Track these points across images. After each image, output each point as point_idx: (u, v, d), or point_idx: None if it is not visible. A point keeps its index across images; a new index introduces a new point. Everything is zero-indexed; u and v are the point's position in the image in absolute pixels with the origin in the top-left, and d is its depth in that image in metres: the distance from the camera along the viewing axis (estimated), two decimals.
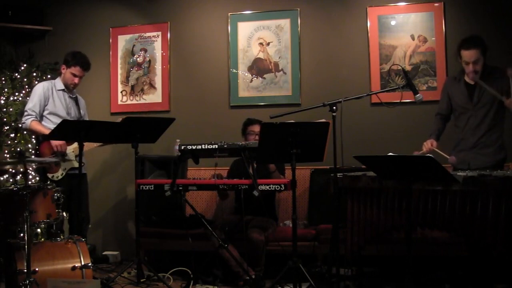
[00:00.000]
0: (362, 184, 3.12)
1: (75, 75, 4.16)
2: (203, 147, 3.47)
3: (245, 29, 4.88)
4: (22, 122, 4.16)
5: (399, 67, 4.27)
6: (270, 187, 3.31)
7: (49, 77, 4.83)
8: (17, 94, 4.80)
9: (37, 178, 4.49)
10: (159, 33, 5.06)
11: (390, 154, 2.80)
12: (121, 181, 5.01)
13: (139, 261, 3.78)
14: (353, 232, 3.19)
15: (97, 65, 4.36)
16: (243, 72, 4.87)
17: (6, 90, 4.76)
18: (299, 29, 4.77)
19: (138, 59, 5.09)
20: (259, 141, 3.26)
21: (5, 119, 4.71)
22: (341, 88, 4.57)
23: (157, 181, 3.70)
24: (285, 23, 4.81)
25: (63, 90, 4.21)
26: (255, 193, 3.29)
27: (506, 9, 4.38)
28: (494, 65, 3.52)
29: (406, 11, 4.58)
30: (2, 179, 4.54)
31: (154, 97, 5.04)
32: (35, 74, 4.89)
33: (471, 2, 4.49)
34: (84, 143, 3.73)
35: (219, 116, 4.89)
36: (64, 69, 4.19)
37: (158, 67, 5.05)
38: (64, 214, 3.40)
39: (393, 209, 3.00)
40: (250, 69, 4.86)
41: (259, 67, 4.84)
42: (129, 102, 5.07)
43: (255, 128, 3.95)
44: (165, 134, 3.96)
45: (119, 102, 5.10)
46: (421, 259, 3.83)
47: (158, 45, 5.06)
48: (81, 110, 4.32)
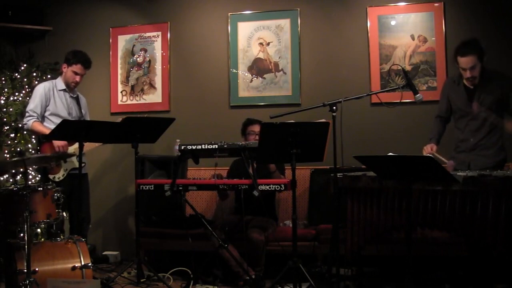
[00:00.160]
0: (362, 184, 3.12)
1: (76, 73, 4.16)
2: (203, 147, 3.46)
3: (245, 29, 4.88)
4: (23, 123, 4.17)
5: (399, 67, 4.27)
6: (270, 187, 3.31)
7: (49, 77, 4.83)
8: (17, 94, 4.80)
9: (37, 178, 4.50)
10: (159, 33, 5.06)
11: (390, 154, 2.80)
12: (121, 181, 5.01)
13: (139, 261, 3.78)
14: (353, 232, 3.19)
15: (97, 65, 4.36)
16: (243, 72, 4.86)
17: (6, 90, 4.76)
18: (299, 29, 4.77)
19: (138, 59, 5.09)
20: (259, 141, 3.25)
21: (5, 119, 4.71)
22: (341, 88, 4.57)
23: (157, 181, 3.70)
24: (285, 23, 4.81)
25: (64, 90, 4.20)
26: (255, 193, 3.29)
27: (506, 9, 4.37)
28: (494, 65, 3.52)
29: (406, 11, 4.58)
30: (2, 179, 4.54)
31: (154, 97, 5.04)
32: (35, 74, 4.89)
33: (471, 2, 4.49)
34: (85, 143, 3.73)
35: (219, 116, 4.89)
36: (65, 67, 4.18)
37: (158, 67, 5.05)
38: (64, 214, 3.40)
39: (393, 209, 3.00)
40: (250, 69, 4.86)
41: (259, 67, 4.84)
42: (129, 102, 5.07)
43: (255, 128, 3.95)
44: (165, 134, 3.96)
45: (119, 102, 5.10)
46: (421, 259, 3.83)
47: (158, 45, 5.06)
48: (82, 109, 4.31)
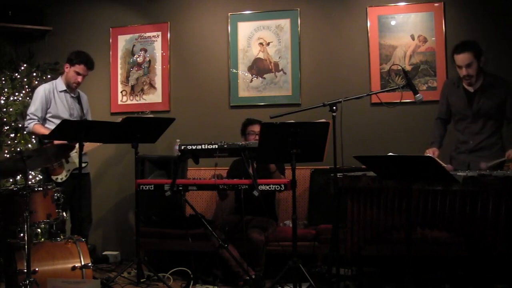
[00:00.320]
0: (362, 184, 3.12)
1: (78, 74, 4.15)
2: (203, 147, 3.46)
3: (245, 29, 4.88)
4: (25, 126, 4.18)
5: (399, 67, 4.26)
6: (270, 187, 3.31)
7: (49, 77, 4.83)
8: (17, 94, 4.79)
9: (37, 178, 4.50)
10: (159, 33, 5.05)
11: (390, 154, 2.80)
12: (121, 181, 5.01)
13: (139, 261, 3.78)
14: (353, 232, 3.19)
15: (97, 65, 4.35)
16: (243, 72, 4.86)
17: (6, 90, 4.76)
18: (299, 29, 4.77)
19: (138, 59, 5.09)
20: (259, 141, 3.25)
21: (5, 119, 4.71)
22: (341, 88, 4.57)
23: (157, 181, 3.70)
24: (285, 23, 4.81)
25: (64, 91, 4.20)
26: (255, 193, 3.28)
27: (506, 9, 4.37)
28: (495, 65, 3.52)
29: (406, 11, 4.58)
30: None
31: (154, 97, 5.04)
32: (35, 74, 4.89)
33: (471, 2, 4.48)
34: (86, 143, 3.73)
35: (219, 116, 4.89)
36: (67, 67, 4.17)
37: (158, 67, 5.05)
38: (64, 214, 3.40)
39: (393, 209, 3.00)
40: (250, 69, 4.86)
41: (259, 67, 4.84)
42: (129, 102, 5.07)
43: (255, 128, 3.95)
44: (165, 134, 3.96)
45: (119, 102, 5.10)
46: (421, 259, 3.83)
47: (158, 45, 5.06)
48: (83, 107, 4.31)
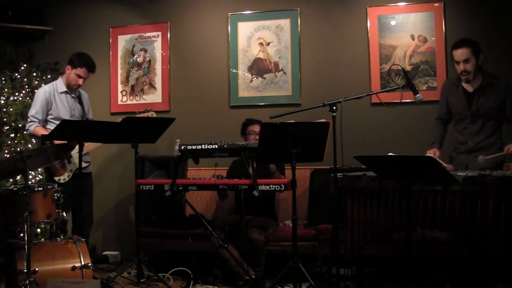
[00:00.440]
0: (362, 184, 3.12)
1: (80, 76, 4.15)
2: (203, 147, 3.46)
3: (245, 29, 4.88)
4: (26, 129, 4.20)
5: (399, 67, 4.26)
6: (270, 187, 3.31)
7: (49, 77, 4.84)
8: (17, 94, 4.79)
9: (37, 178, 4.50)
10: (159, 33, 5.05)
11: (390, 154, 2.80)
12: (121, 181, 5.01)
13: (139, 261, 3.78)
14: (353, 232, 3.19)
15: (97, 65, 4.34)
16: (243, 72, 4.86)
17: (6, 90, 4.76)
18: (299, 29, 4.77)
19: (138, 59, 5.09)
20: (259, 141, 3.25)
21: (5, 119, 4.71)
22: (341, 88, 4.57)
23: (157, 181, 3.70)
24: (285, 23, 4.81)
25: (65, 92, 4.20)
26: (255, 193, 3.28)
27: (506, 9, 4.37)
28: (495, 65, 3.52)
29: (406, 11, 4.58)
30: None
31: (154, 97, 5.03)
32: (35, 74, 4.89)
33: (471, 2, 4.48)
34: (86, 143, 3.73)
35: (219, 116, 4.88)
36: (69, 69, 4.17)
37: (158, 67, 5.05)
38: (65, 214, 3.40)
39: (393, 209, 3.00)
40: (250, 69, 4.86)
41: (259, 67, 4.84)
42: (129, 102, 5.07)
43: (255, 128, 3.95)
44: (165, 134, 3.96)
45: (119, 102, 5.10)
46: (421, 259, 3.82)
47: (158, 45, 5.06)
48: (84, 106, 4.31)
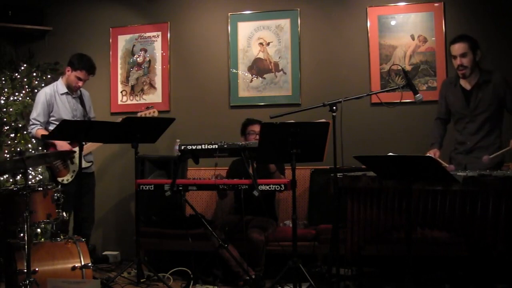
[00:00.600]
0: (362, 184, 3.12)
1: (79, 79, 4.16)
2: (203, 147, 3.47)
3: (245, 29, 4.88)
4: (28, 131, 4.23)
5: (399, 67, 4.26)
6: (270, 187, 3.31)
7: (49, 77, 4.84)
8: (17, 94, 4.79)
9: (37, 178, 4.49)
10: (159, 33, 5.05)
11: (390, 154, 2.80)
12: (121, 181, 5.01)
13: (139, 261, 3.78)
14: (353, 232, 3.19)
15: (97, 65, 4.35)
16: (243, 72, 4.86)
17: (6, 90, 4.75)
18: (299, 29, 4.77)
19: (138, 59, 5.09)
20: (259, 141, 3.25)
21: (5, 119, 4.70)
22: (341, 88, 4.57)
23: (157, 181, 3.70)
24: (285, 23, 4.81)
25: (66, 93, 4.20)
26: (255, 193, 3.29)
27: (506, 9, 4.37)
28: (495, 65, 3.52)
29: (406, 11, 4.58)
30: (2, 179, 4.54)
31: (154, 97, 5.03)
32: (35, 74, 4.88)
33: (471, 2, 4.48)
34: (89, 143, 3.74)
35: (219, 116, 4.88)
36: (69, 71, 4.17)
37: (158, 67, 5.05)
38: (65, 214, 3.40)
39: (393, 209, 3.00)
40: (250, 69, 4.86)
41: (259, 67, 4.84)
42: (129, 102, 5.07)
43: (255, 127, 3.95)
44: (165, 134, 3.96)
45: (119, 102, 5.10)
46: (421, 259, 3.82)
47: (158, 45, 5.06)
48: (86, 105, 4.32)
